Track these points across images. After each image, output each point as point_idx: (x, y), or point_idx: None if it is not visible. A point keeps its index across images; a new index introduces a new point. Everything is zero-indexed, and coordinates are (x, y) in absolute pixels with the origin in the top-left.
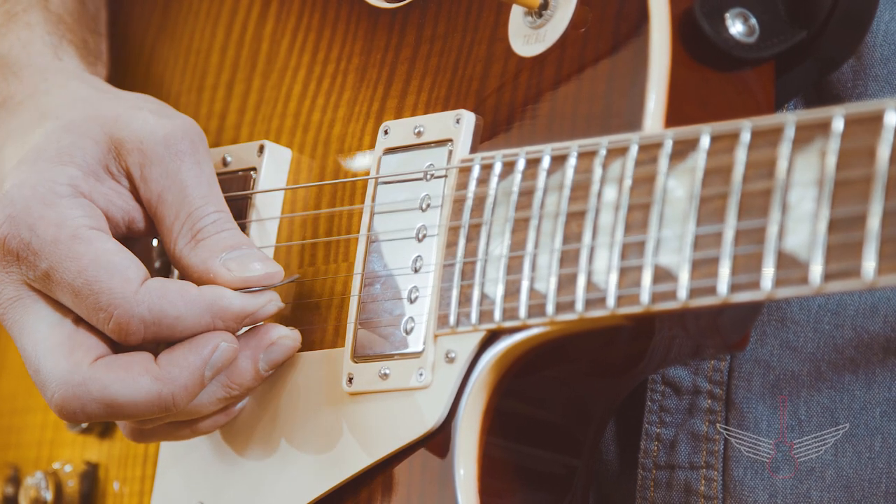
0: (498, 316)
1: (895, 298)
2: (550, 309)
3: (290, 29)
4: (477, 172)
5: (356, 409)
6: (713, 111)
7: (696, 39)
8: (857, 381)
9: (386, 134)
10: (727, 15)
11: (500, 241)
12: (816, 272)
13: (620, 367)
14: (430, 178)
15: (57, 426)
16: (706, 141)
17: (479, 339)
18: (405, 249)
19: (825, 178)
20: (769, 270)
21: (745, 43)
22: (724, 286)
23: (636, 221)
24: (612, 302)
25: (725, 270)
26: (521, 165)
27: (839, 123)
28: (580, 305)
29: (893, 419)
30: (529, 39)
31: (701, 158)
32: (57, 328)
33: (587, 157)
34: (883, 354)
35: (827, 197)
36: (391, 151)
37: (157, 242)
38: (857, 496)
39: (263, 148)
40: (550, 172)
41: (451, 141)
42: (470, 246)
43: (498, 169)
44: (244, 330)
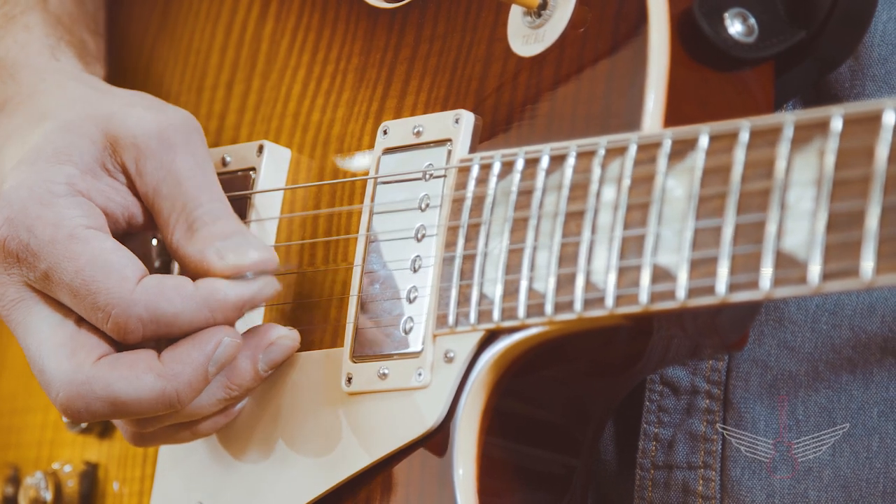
0: (497, 316)
1: (893, 298)
2: (549, 309)
3: (289, 29)
4: (476, 172)
5: (355, 408)
6: (712, 111)
7: (695, 39)
8: (854, 381)
9: (385, 134)
10: (726, 15)
11: (499, 240)
12: (815, 272)
13: (619, 366)
14: (429, 177)
15: (57, 426)
16: (705, 141)
17: (477, 338)
18: (404, 249)
19: (824, 177)
20: (768, 270)
21: (744, 43)
22: (722, 286)
23: (635, 221)
24: (610, 302)
25: (724, 270)
26: (519, 165)
27: (838, 123)
28: (579, 305)
29: (891, 419)
30: (528, 39)
31: (700, 158)
32: (59, 328)
33: (586, 156)
34: (880, 354)
35: (825, 196)
36: (390, 151)
37: (156, 241)
38: (854, 496)
39: (263, 148)
40: (549, 172)
41: (450, 141)
42: (469, 246)
43: (497, 169)
44: (243, 331)
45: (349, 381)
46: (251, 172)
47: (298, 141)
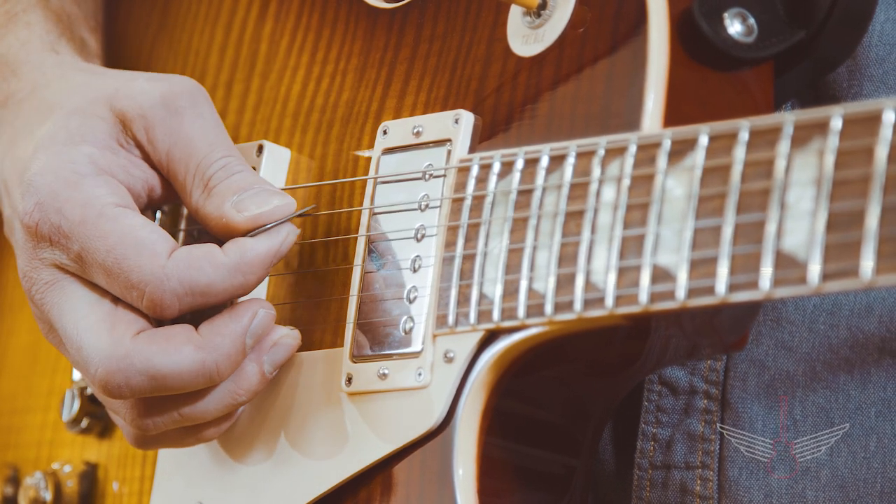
0: (496, 316)
1: (890, 299)
2: (549, 309)
3: (289, 29)
4: (476, 172)
5: (355, 408)
6: (712, 111)
7: (694, 39)
8: (852, 381)
9: (385, 134)
10: (726, 15)
11: (498, 240)
12: (815, 272)
13: (618, 366)
14: (428, 177)
15: (56, 426)
16: (705, 140)
17: (477, 338)
18: (404, 249)
19: (823, 177)
20: (767, 270)
21: (743, 43)
22: (722, 286)
23: (635, 221)
24: (610, 302)
25: (724, 270)
26: (519, 165)
27: (837, 123)
28: (579, 305)
29: (888, 419)
30: (528, 39)
31: (699, 158)
32: (97, 306)
33: (586, 156)
34: (878, 354)
35: (825, 196)
36: (390, 151)
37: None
38: (852, 496)
39: (262, 148)
40: (549, 172)
41: (449, 141)
42: (469, 246)
43: (497, 169)
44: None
45: (349, 381)
46: None
47: (298, 141)
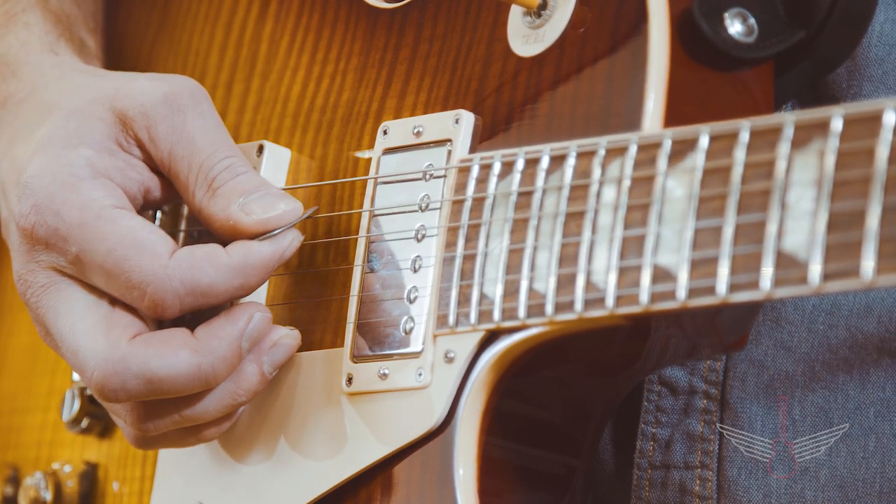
0: (497, 316)
1: (889, 298)
2: (549, 309)
3: (289, 29)
4: (476, 172)
5: (355, 409)
6: (712, 111)
7: (694, 39)
8: (851, 381)
9: (385, 134)
10: (726, 15)
11: (499, 241)
12: (815, 272)
13: (618, 366)
14: (429, 178)
15: (56, 426)
16: (705, 141)
17: (478, 338)
18: (404, 249)
19: (824, 177)
20: (768, 270)
21: (743, 43)
22: (723, 286)
23: (635, 221)
24: (611, 302)
25: (724, 270)
26: (520, 165)
27: (838, 123)
28: (579, 305)
29: (887, 419)
30: (528, 39)
31: (700, 158)
32: (94, 308)
33: (586, 157)
34: (877, 354)
35: (826, 197)
36: (390, 151)
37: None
38: (851, 496)
39: (262, 148)
40: (549, 172)
41: (450, 141)
42: (469, 246)
43: (497, 169)
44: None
45: (349, 381)
46: None
47: (298, 141)
